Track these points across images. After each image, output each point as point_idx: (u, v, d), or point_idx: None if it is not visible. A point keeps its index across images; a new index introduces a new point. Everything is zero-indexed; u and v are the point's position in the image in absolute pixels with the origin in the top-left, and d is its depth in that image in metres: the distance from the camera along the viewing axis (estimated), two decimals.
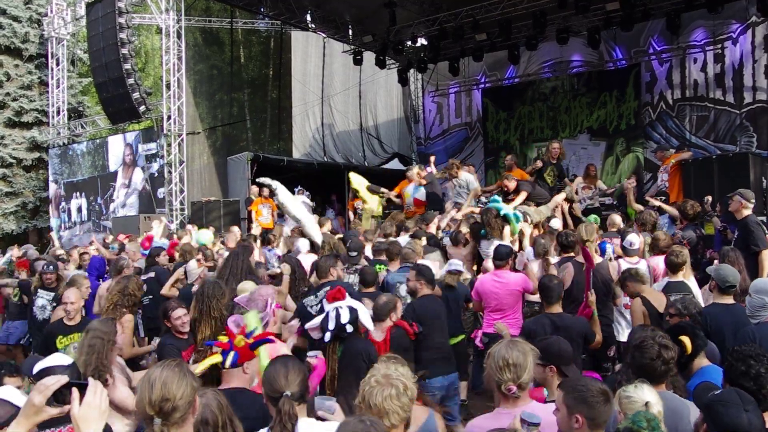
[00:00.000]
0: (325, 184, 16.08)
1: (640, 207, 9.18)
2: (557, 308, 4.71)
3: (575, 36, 15.21)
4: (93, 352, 3.81)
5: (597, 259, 5.80)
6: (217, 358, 3.26)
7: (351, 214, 12.01)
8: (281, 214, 12.80)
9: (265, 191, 12.40)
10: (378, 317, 4.62)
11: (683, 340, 3.50)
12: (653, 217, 7.19)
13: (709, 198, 7.93)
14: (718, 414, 2.39)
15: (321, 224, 9.75)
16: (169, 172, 16.19)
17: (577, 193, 10.92)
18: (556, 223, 8.15)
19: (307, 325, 4.20)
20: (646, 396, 2.75)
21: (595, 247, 6.02)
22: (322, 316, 4.08)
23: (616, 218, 8.00)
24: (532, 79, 17.60)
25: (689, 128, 14.94)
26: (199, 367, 3.20)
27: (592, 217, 9.54)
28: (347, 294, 4.22)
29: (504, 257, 5.81)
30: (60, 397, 1.97)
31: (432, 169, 12.47)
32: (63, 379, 2.00)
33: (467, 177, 10.68)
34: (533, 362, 2.97)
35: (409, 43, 16.30)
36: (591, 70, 16.61)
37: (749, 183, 8.54)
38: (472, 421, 3.08)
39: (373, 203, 11.73)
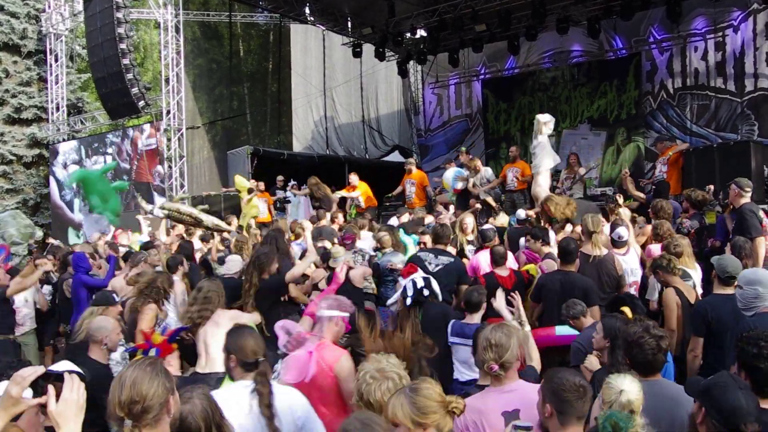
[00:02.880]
0: (326, 178, 16.04)
1: (641, 195, 9.16)
2: (571, 268, 5.37)
3: (575, 26, 15.13)
4: (208, 302, 4.41)
5: (603, 251, 5.75)
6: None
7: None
8: (281, 208, 12.84)
9: (262, 185, 12.41)
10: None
11: (624, 311, 4.03)
12: (670, 206, 7.13)
13: (712, 187, 7.90)
14: (716, 397, 2.41)
15: (319, 218, 9.77)
16: (170, 167, 16.17)
17: (562, 184, 11.02)
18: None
19: (389, 302, 4.96)
20: (625, 385, 2.73)
21: (604, 239, 5.96)
22: (400, 289, 4.68)
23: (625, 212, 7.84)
24: (532, 69, 17.53)
25: (690, 117, 14.87)
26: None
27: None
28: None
29: None
30: (37, 388, 1.96)
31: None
32: (39, 369, 2.00)
33: (488, 171, 11.51)
34: (517, 343, 3.09)
35: (408, 34, 16.26)
36: (591, 60, 16.53)
37: (750, 171, 8.53)
38: (467, 401, 3.12)
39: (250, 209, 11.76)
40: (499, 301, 4.18)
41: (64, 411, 1.91)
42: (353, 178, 12.11)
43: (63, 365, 3.01)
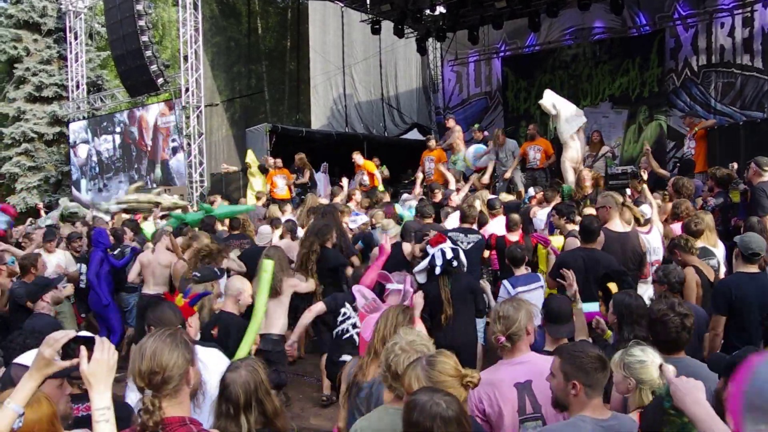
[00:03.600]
0: (345, 155, 16.03)
1: (665, 172, 9.03)
2: (593, 245, 5.22)
3: (597, 2, 14.81)
4: (282, 269, 5.17)
5: (626, 228, 5.68)
6: None
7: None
8: (301, 185, 12.82)
9: (280, 161, 12.44)
10: None
11: (609, 287, 4.12)
12: (692, 184, 7.03)
13: (735, 164, 7.76)
14: None
15: (334, 194, 9.79)
16: (189, 145, 16.22)
17: (583, 161, 10.95)
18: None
19: (415, 270, 5.02)
20: (656, 358, 2.72)
21: (628, 215, 5.87)
22: (428, 258, 4.87)
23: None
24: (553, 46, 17.26)
25: (714, 95, 14.58)
26: None
27: (566, 186, 9.36)
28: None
29: None
30: (69, 352, 2.04)
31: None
32: (71, 333, 2.08)
33: (512, 143, 11.65)
34: (527, 316, 3.09)
35: (427, 11, 16.04)
36: (613, 37, 16.23)
37: None
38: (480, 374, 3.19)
39: (257, 183, 12.41)
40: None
41: (95, 371, 2.00)
42: (357, 157, 12.06)
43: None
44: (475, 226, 6.69)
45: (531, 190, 9.13)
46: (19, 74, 21.43)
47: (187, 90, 16.08)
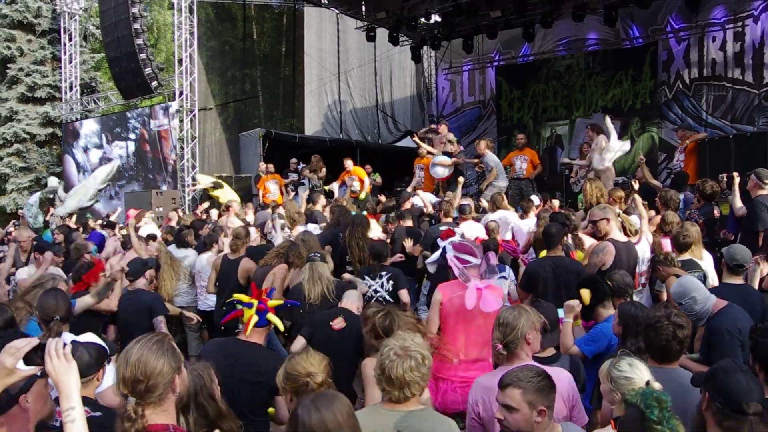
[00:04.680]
0: (337, 161, 16.03)
1: (658, 183, 9.08)
2: (558, 252, 5.34)
3: (591, 13, 14.95)
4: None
5: (625, 237, 5.71)
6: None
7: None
8: (293, 190, 12.84)
9: (272, 167, 12.44)
10: None
11: (582, 293, 4.16)
12: (678, 197, 7.07)
13: (725, 176, 7.80)
14: (719, 379, 2.42)
15: (315, 201, 9.71)
16: (182, 148, 16.18)
17: (575, 174, 10.97)
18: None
19: (427, 261, 5.16)
20: (644, 375, 2.74)
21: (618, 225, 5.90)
22: (439, 250, 4.91)
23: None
24: (547, 57, 17.37)
25: (706, 108, 14.70)
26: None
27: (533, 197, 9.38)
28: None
29: None
30: (31, 359, 2.00)
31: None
32: (33, 341, 2.03)
33: (492, 159, 11.03)
34: (528, 324, 3.08)
35: (422, 19, 16.12)
36: (607, 49, 16.35)
37: (767, 163, 8.40)
38: (478, 379, 3.24)
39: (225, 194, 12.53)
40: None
41: (55, 375, 1.98)
42: (348, 163, 12.07)
43: (88, 337, 3.14)
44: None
45: (535, 199, 9.05)
46: (12, 74, 21.31)
47: (181, 93, 16.04)
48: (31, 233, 8.41)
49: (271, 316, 3.58)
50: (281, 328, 3.78)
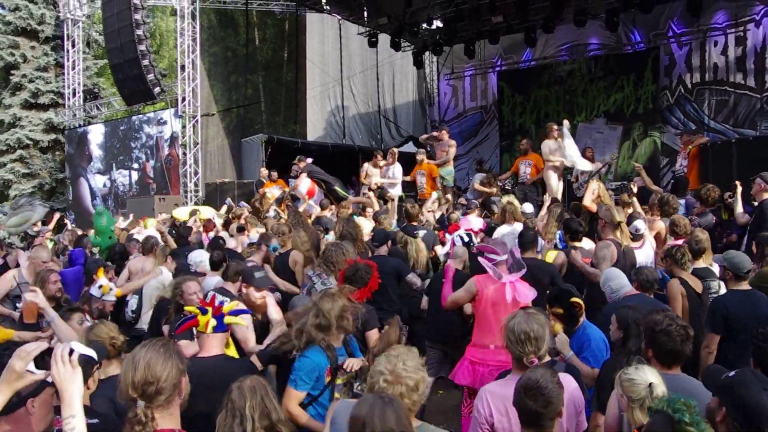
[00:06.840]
0: (340, 167, 16.04)
1: (658, 189, 9.06)
2: (531, 254, 5.54)
3: (593, 18, 14.98)
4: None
5: (626, 241, 5.71)
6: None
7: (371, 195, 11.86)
8: (295, 197, 12.82)
9: (274, 174, 12.42)
10: None
11: (577, 301, 4.02)
12: (676, 201, 7.05)
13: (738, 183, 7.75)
14: (740, 396, 2.34)
15: (323, 207, 9.69)
16: (184, 154, 16.22)
17: (577, 179, 10.95)
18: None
19: (440, 252, 5.71)
20: (648, 377, 2.70)
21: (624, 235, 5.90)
22: (449, 242, 5.28)
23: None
24: (549, 62, 17.39)
25: (708, 113, 14.70)
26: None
27: (505, 198, 9.17)
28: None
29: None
30: (41, 363, 2.00)
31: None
32: (43, 345, 2.04)
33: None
34: (549, 335, 3.09)
35: (424, 25, 16.15)
36: (609, 54, 16.36)
37: None
38: (486, 386, 3.16)
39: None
40: None
41: (59, 381, 1.97)
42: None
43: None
44: None
45: (527, 207, 8.98)
46: (15, 81, 21.41)
47: (183, 99, 16.11)
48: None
49: (230, 318, 3.40)
50: (244, 324, 3.86)
